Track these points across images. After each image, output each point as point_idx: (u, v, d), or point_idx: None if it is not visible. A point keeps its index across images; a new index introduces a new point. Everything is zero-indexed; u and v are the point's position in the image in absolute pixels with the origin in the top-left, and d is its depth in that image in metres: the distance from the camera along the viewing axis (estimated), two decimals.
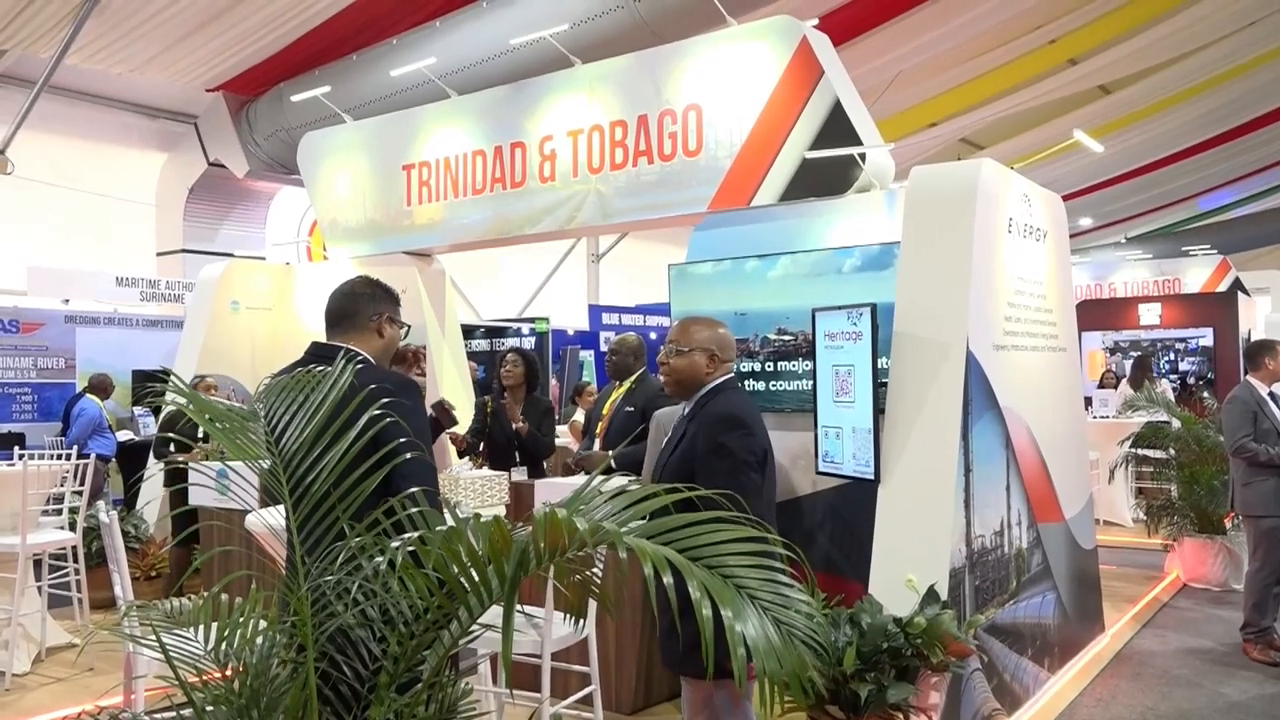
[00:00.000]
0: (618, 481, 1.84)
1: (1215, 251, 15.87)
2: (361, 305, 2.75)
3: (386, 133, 7.39)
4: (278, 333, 8.08)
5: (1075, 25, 11.11)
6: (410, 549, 1.73)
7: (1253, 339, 8.60)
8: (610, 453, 5.11)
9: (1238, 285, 13.79)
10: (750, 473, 3.00)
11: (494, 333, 12.26)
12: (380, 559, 1.74)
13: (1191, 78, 13.44)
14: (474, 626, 1.85)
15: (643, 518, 1.66)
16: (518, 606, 2.14)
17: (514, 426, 5.81)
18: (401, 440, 2.13)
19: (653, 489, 1.65)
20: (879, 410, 4.17)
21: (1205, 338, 11.86)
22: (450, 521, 1.70)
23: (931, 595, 3.78)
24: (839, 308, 4.35)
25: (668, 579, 1.35)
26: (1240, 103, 14.96)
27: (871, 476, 4.16)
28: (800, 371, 4.98)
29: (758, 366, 5.15)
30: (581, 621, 3.49)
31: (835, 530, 4.80)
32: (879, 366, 4.17)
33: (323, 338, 2.76)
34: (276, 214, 12.22)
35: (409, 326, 2.92)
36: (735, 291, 5.21)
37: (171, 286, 10.53)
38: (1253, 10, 11.79)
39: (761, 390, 5.09)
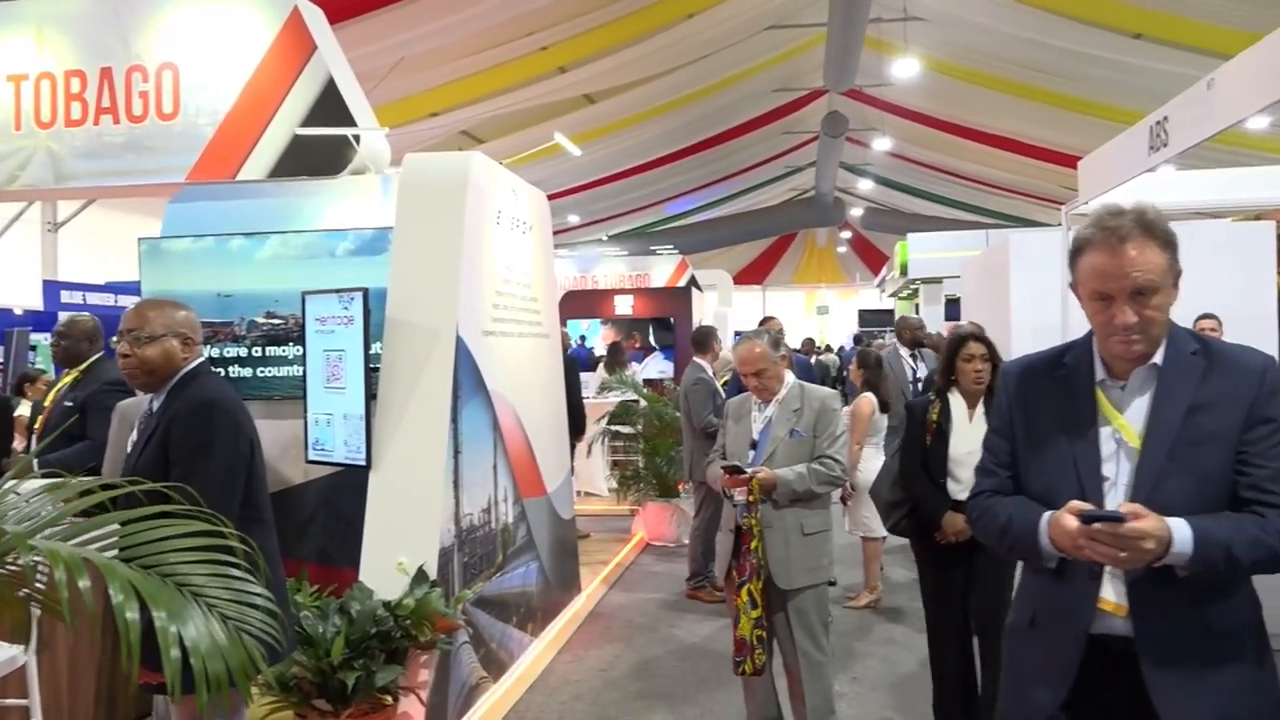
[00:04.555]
0: (43, 481, 1.61)
1: (677, 251, 18.12)
2: None
3: None
4: None
5: (566, 35, 12.00)
6: None
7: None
8: (26, 457, 4.41)
9: (693, 281, 15.90)
10: (241, 463, 2.81)
11: None
12: None
13: (662, 97, 15.27)
14: None
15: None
16: None
17: None
18: None
19: (87, 484, 1.47)
20: (371, 396, 4.15)
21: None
22: None
23: (421, 576, 3.86)
24: (331, 291, 4.25)
25: (84, 583, 1.21)
26: (699, 123, 17.35)
27: (363, 463, 4.13)
28: (291, 357, 4.79)
29: (244, 352, 4.85)
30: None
31: (328, 519, 4.71)
32: (371, 352, 4.15)
33: None
34: None
35: None
36: (218, 271, 4.85)
37: None
38: (709, 45, 13.72)
39: (249, 377, 4.81)
